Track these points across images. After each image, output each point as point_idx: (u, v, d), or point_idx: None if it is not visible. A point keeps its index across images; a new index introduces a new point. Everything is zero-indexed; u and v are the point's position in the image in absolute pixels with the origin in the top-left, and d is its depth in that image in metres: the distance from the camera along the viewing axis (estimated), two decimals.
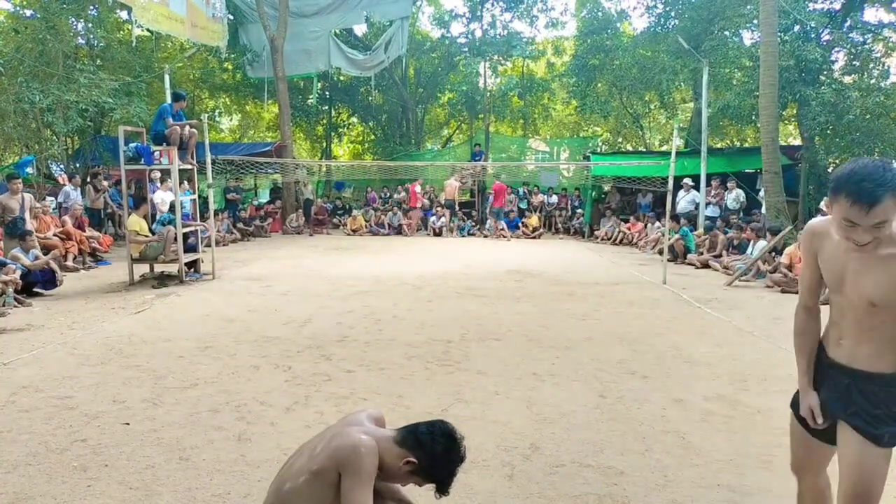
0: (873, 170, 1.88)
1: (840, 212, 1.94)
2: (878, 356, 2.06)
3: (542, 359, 5.16)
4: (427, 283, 8.77)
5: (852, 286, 2.04)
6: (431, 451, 2.13)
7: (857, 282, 2.02)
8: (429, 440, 2.15)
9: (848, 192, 1.89)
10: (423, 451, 2.13)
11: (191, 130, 8.84)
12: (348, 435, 2.13)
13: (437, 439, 2.15)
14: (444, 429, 2.19)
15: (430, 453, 2.13)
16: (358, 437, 2.11)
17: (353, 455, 2.05)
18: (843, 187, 1.91)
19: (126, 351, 5.21)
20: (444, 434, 2.17)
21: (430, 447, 2.13)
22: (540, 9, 22.37)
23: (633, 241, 14.51)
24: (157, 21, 14.06)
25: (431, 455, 2.12)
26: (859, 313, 2.06)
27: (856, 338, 2.09)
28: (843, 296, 2.09)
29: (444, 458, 2.13)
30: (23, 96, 11.49)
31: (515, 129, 25.05)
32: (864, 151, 13.66)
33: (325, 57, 19.43)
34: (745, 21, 15.54)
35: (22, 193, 8.81)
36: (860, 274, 2.02)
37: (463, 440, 2.19)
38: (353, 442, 2.09)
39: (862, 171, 1.89)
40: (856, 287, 2.03)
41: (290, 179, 17.59)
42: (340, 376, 4.63)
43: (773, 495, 2.95)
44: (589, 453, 3.39)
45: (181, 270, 8.65)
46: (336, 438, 2.14)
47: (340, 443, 2.10)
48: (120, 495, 2.88)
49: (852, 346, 2.11)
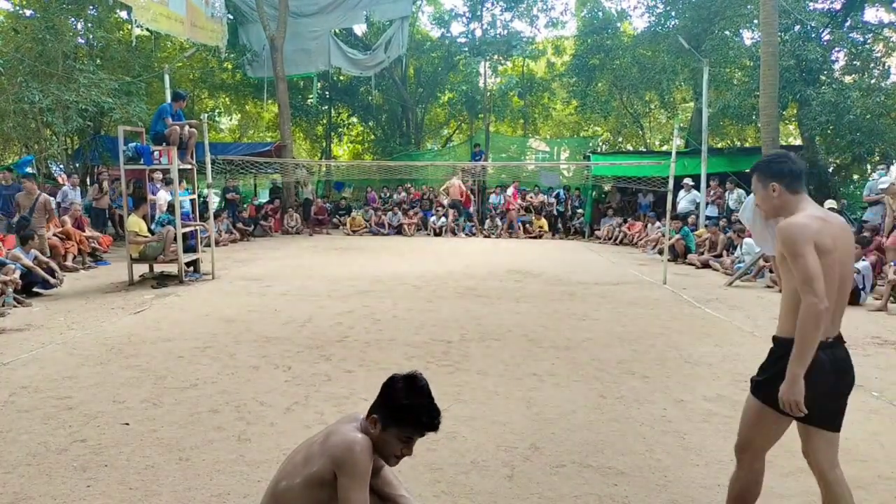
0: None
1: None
2: (779, 320, 2.39)
3: (542, 359, 5.15)
4: (427, 283, 8.76)
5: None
6: (390, 397, 2.16)
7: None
8: (385, 391, 2.19)
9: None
10: (383, 403, 2.17)
11: (190, 130, 8.83)
12: (342, 433, 2.13)
13: (390, 386, 2.19)
14: (393, 376, 2.22)
15: (388, 400, 2.16)
16: (353, 435, 2.11)
17: (347, 454, 2.05)
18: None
19: (126, 351, 5.20)
20: (393, 379, 2.21)
21: (388, 396, 2.17)
22: (540, 8, 22.40)
23: (634, 241, 14.52)
24: (157, 21, 14.06)
25: (391, 400, 2.15)
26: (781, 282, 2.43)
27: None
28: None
29: (403, 396, 2.14)
30: (22, 96, 11.48)
31: (515, 129, 25.04)
32: (865, 151, 13.68)
33: (325, 56, 19.43)
34: (745, 21, 15.54)
35: (39, 193, 9.15)
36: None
37: (419, 374, 2.22)
38: (347, 441, 2.09)
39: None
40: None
41: (290, 179, 17.59)
42: (340, 376, 4.62)
43: (773, 495, 2.95)
44: (589, 453, 3.39)
45: (181, 270, 8.64)
46: (331, 437, 2.14)
47: (335, 442, 2.10)
48: (120, 495, 2.87)
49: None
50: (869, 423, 3.84)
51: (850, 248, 2.36)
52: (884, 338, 6.03)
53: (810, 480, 3.10)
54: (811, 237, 2.19)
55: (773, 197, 2.39)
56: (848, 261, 2.35)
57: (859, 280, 7.66)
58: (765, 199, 2.44)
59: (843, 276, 2.29)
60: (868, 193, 10.30)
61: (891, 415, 4.00)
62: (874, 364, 5.14)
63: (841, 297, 2.30)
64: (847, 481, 2.42)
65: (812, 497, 2.94)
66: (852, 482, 3.08)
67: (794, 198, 2.36)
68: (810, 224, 2.22)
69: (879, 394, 4.39)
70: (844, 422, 3.67)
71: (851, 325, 6.55)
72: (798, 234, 2.19)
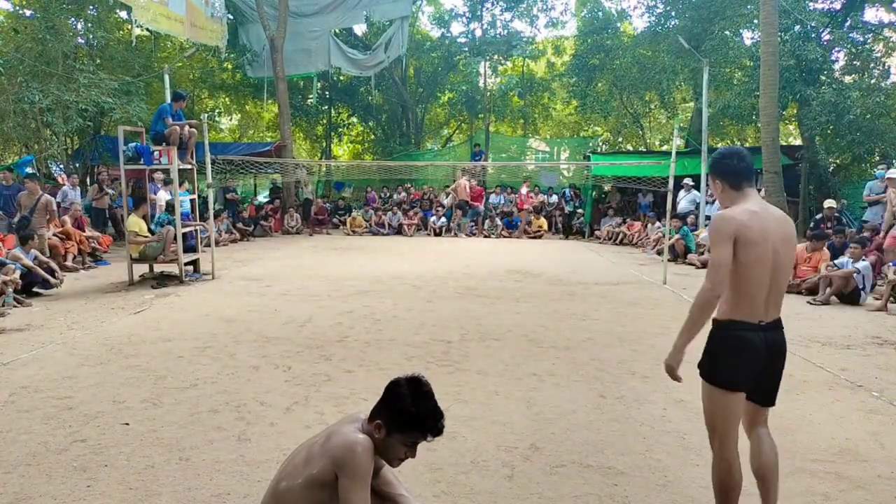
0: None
1: None
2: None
3: (542, 359, 5.15)
4: (427, 283, 8.76)
5: None
6: (394, 403, 2.14)
7: None
8: (389, 396, 2.17)
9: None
10: (387, 408, 2.15)
11: (190, 130, 8.83)
12: (344, 434, 2.13)
13: (394, 391, 2.16)
14: (397, 381, 2.19)
15: (393, 407, 2.14)
16: (354, 436, 2.11)
17: (348, 454, 2.05)
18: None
19: (126, 351, 5.20)
20: (397, 384, 2.18)
21: (392, 402, 2.14)
22: (540, 8, 22.41)
23: (634, 241, 14.52)
24: (157, 21, 14.07)
25: (396, 407, 2.13)
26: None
27: None
28: None
29: (409, 403, 2.12)
30: (22, 96, 11.48)
31: (515, 129, 25.05)
32: (865, 151, 13.68)
33: (325, 56, 19.44)
34: (745, 21, 15.55)
35: (41, 194, 9.13)
36: None
37: (422, 379, 2.20)
38: (348, 442, 2.09)
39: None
40: None
41: (290, 179, 17.59)
42: (340, 376, 4.62)
43: None
44: (589, 453, 3.39)
45: (181, 270, 8.64)
46: (332, 438, 2.14)
47: (336, 443, 2.10)
48: (120, 495, 2.87)
49: None
50: (869, 423, 3.84)
51: (785, 239, 2.47)
52: (884, 338, 6.03)
53: (811, 480, 3.11)
54: (733, 230, 2.38)
55: (717, 191, 2.64)
56: (783, 250, 2.46)
57: (859, 280, 7.66)
58: (714, 192, 2.72)
59: (778, 264, 2.43)
60: (868, 193, 10.29)
61: (891, 415, 4.00)
62: (874, 364, 5.14)
63: (776, 284, 2.45)
64: (773, 442, 2.65)
65: (812, 497, 2.95)
66: (852, 482, 3.09)
67: (735, 193, 2.54)
68: (737, 217, 2.41)
69: (879, 394, 4.39)
70: (844, 421, 3.71)
71: (851, 325, 6.56)
72: (719, 227, 2.42)
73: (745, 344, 2.43)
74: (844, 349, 5.60)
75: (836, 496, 2.95)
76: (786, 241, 2.47)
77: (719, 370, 2.49)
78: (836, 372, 4.88)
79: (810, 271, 8.34)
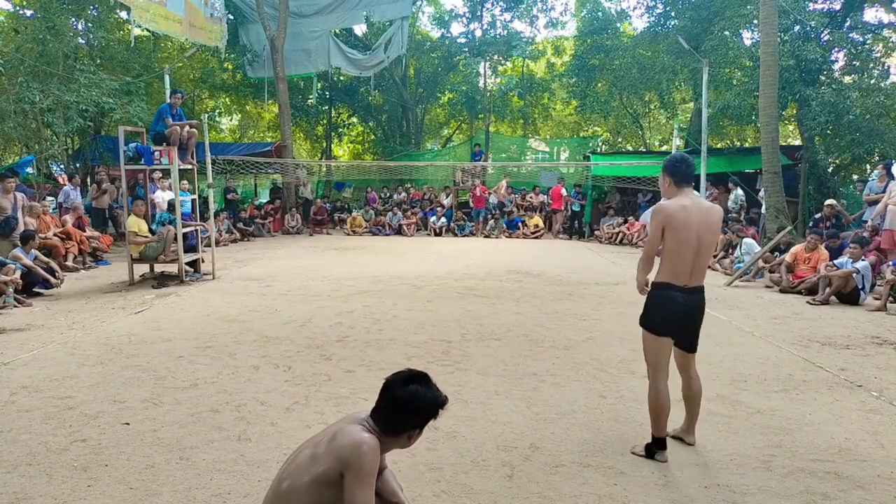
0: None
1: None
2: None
3: (542, 359, 5.16)
4: (427, 283, 8.76)
5: None
6: (393, 404, 2.17)
7: None
8: (387, 399, 2.19)
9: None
10: (386, 408, 2.18)
11: (190, 131, 8.83)
12: (350, 433, 2.13)
13: (389, 392, 2.20)
14: (392, 381, 2.22)
15: (392, 407, 2.17)
16: (360, 435, 2.11)
17: (355, 453, 2.05)
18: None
19: (126, 351, 5.20)
20: (392, 385, 2.21)
21: (391, 403, 2.17)
22: (540, 9, 22.42)
23: (634, 241, 14.52)
24: (156, 21, 14.07)
25: (396, 407, 2.16)
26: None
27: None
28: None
29: (408, 400, 2.16)
30: (23, 96, 11.48)
31: (515, 129, 25.06)
32: (864, 151, 13.67)
33: (325, 57, 19.43)
34: (745, 21, 15.53)
35: (14, 193, 8.61)
36: None
37: (415, 374, 2.24)
38: (355, 441, 2.09)
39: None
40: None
41: (291, 179, 17.59)
42: (340, 376, 4.63)
43: (773, 495, 2.95)
44: (589, 453, 3.39)
45: (181, 270, 8.65)
46: (338, 437, 2.13)
47: (343, 442, 2.10)
48: (120, 495, 2.88)
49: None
50: (869, 423, 3.84)
51: (708, 225, 3.21)
52: (883, 338, 6.03)
53: (810, 480, 3.11)
54: (665, 218, 3.21)
55: (665, 185, 3.38)
56: (706, 235, 3.21)
57: (858, 280, 7.66)
58: (662, 185, 3.43)
59: (701, 245, 3.20)
60: (868, 193, 10.29)
61: (891, 415, 4.00)
62: (874, 364, 5.14)
63: (700, 259, 3.22)
64: (699, 381, 3.46)
65: (812, 497, 2.95)
66: (852, 482, 3.10)
67: (676, 189, 3.32)
68: (669, 207, 3.21)
69: (879, 394, 4.39)
70: (844, 421, 3.74)
71: (851, 325, 6.56)
72: (655, 214, 3.27)
73: (672, 301, 3.23)
74: (844, 349, 5.60)
75: (835, 496, 2.96)
76: (709, 228, 3.21)
77: (651, 319, 3.30)
78: (836, 372, 4.88)
79: (809, 271, 8.33)
